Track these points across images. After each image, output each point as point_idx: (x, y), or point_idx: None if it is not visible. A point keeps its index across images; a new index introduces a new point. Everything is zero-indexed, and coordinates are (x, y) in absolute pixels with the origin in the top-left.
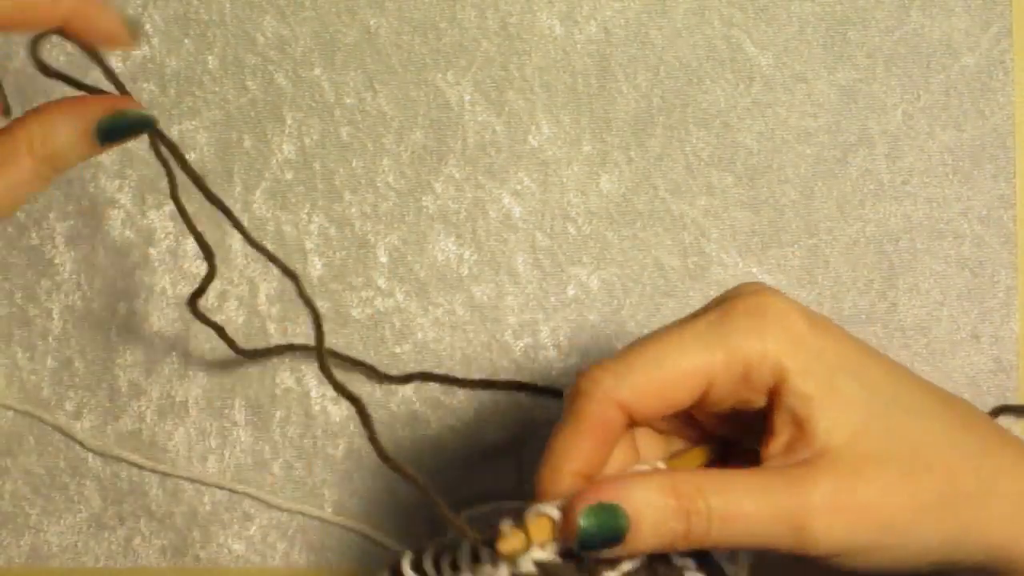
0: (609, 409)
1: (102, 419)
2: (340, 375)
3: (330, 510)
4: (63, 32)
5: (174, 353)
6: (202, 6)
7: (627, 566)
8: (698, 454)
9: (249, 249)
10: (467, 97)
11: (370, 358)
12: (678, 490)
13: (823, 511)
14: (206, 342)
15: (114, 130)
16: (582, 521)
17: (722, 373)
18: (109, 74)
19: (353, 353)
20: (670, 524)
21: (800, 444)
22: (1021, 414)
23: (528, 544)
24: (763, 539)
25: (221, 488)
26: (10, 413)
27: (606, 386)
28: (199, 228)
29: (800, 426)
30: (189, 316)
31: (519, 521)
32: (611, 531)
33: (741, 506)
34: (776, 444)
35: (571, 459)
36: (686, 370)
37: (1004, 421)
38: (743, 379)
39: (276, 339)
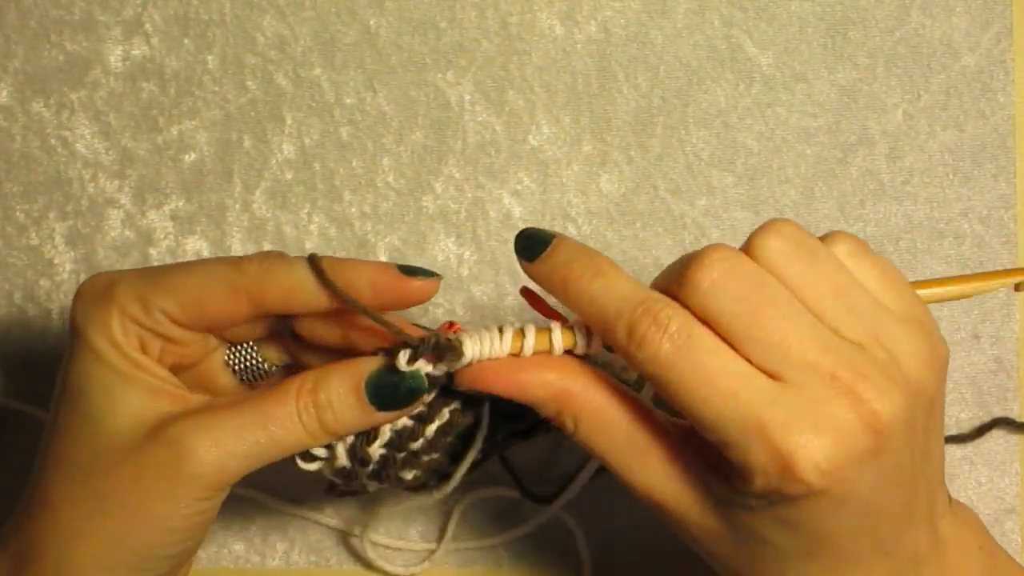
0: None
1: None
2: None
3: (329, 511)
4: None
5: None
6: (202, 6)
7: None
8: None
9: (249, 249)
10: (467, 97)
11: None
12: (557, 412)
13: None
14: None
15: (381, 387)
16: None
17: None
18: (384, 323)
19: None
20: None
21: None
22: (1016, 428)
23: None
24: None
25: None
26: (10, 414)
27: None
28: (199, 228)
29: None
30: None
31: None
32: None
33: (602, 448)
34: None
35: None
36: None
37: (998, 433)
38: None
39: None
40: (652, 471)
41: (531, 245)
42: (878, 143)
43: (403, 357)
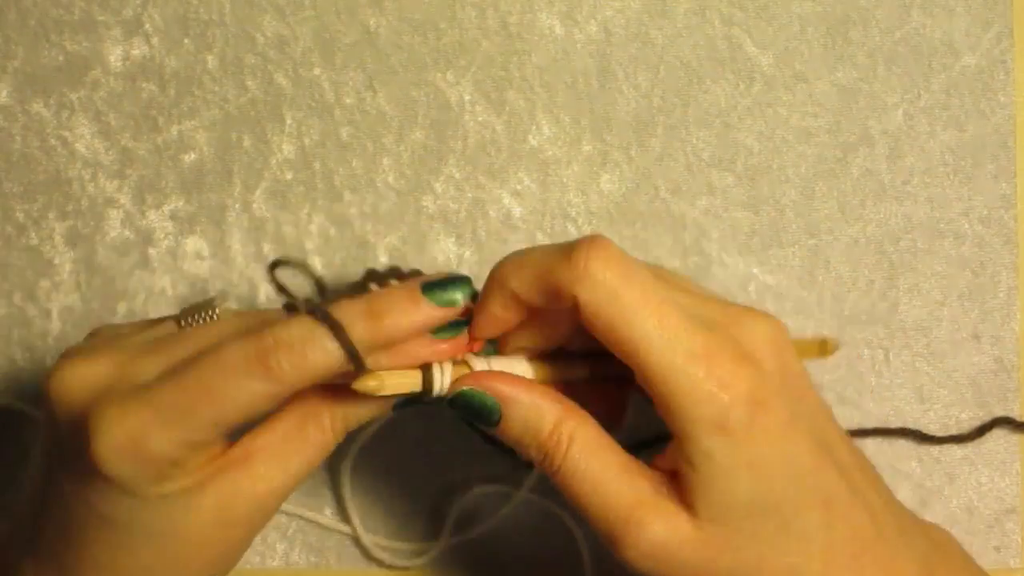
0: (506, 293)
1: None
2: None
3: (329, 512)
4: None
5: None
6: (202, 6)
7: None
8: (562, 366)
9: (249, 249)
10: (467, 97)
11: None
12: (556, 423)
13: (655, 541)
14: None
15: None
16: (464, 392)
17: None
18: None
19: None
20: (533, 445)
21: (684, 479)
22: (1016, 428)
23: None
24: (588, 508)
25: None
26: (10, 413)
27: (501, 273)
28: (199, 228)
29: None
30: None
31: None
32: (482, 415)
33: (594, 469)
34: (665, 460)
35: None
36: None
37: (999, 433)
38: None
39: None
40: (643, 491)
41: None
42: (878, 143)
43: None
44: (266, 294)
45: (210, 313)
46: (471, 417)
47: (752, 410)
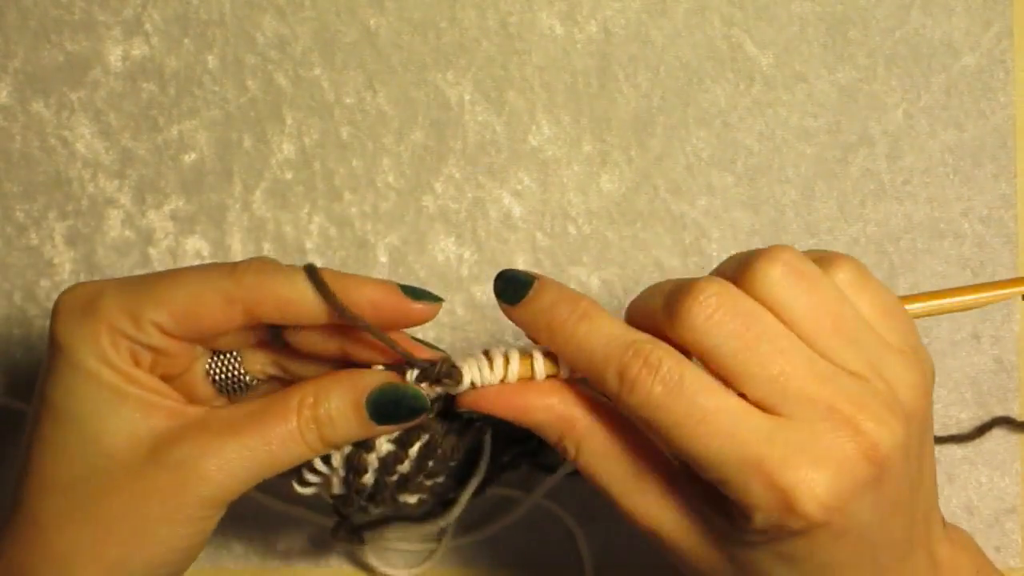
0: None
1: None
2: None
3: (329, 511)
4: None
5: None
6: (202, 6)
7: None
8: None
9: (249, 249)
10: (467, 97)
11: None
12: (559, 438)
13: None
14: None
15: (383, 404)
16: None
17: None
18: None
19: None
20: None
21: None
22: (1016, 428)
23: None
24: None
25: None
26: (10, 414)
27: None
28: (199, 228)
29: None
30: None
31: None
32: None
33: (600, 481)
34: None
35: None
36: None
37: (999, 433)
38: None
39: None
40: (652, 501)
41: (512, 288)
42: (878, 143)
43: (411, 375)
44: None
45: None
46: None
47: (807, 528)
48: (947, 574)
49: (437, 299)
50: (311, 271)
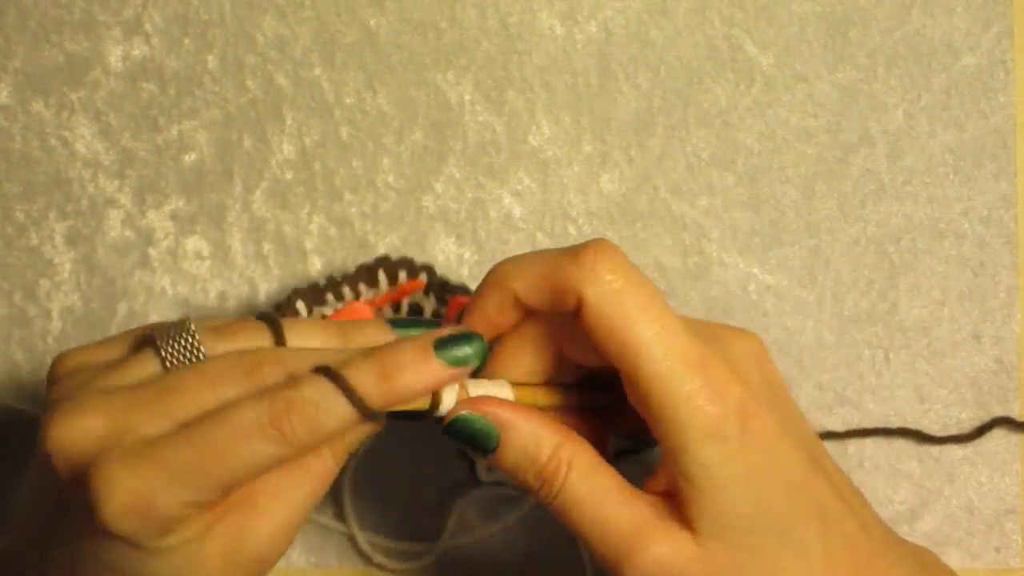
0: (505, 294)
1: None
2: None
3: (330, 513)
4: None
5: None
6: (202, 6)
7: None
8: (544, 393)
9: (249, 249)
10: (467, 97)
11: None
12: (555, 448)
13: (659, 562)
14: None
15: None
16: (462, 416)
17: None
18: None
19: None
20: (531, 472)
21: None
22: (1016, 428)
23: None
24: (589, 533)
25: None
26: (10, 413)
27: (501, 273)
28: (199, 228)
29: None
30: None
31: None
32: (479, 441)
33: (594, 495)
34: (658, 480)
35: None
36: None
37: (999, 433)
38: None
39: None
40: (644, 513)
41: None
42: (878, 143)
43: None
44: (266, 293)
45: (191, 342)
46: (467, 442)
47: (745, 420)
48: None
49: (478, 349)
50: (350, 394)
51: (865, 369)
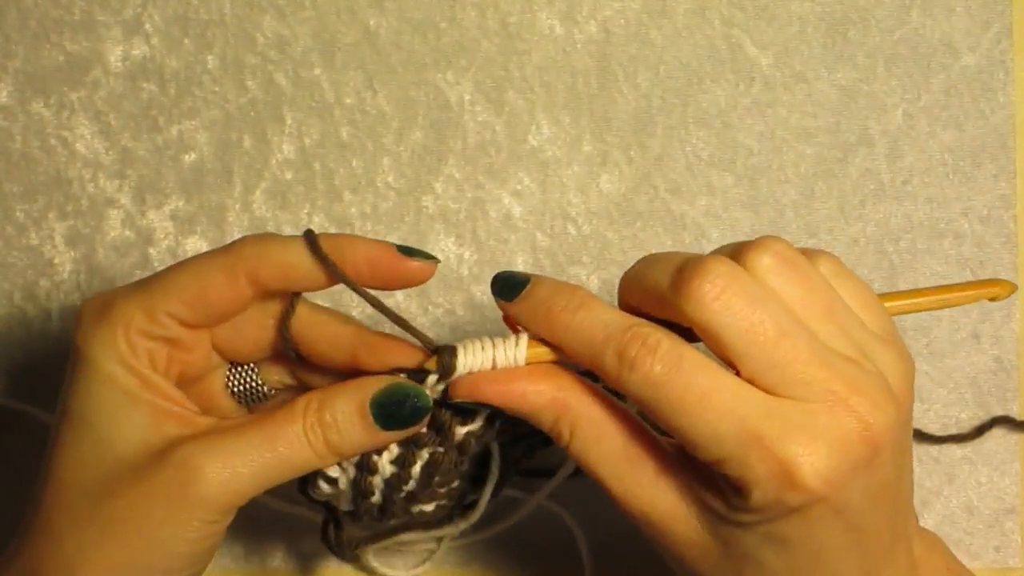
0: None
1: None
2: None
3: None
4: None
5: None
6: (202, 6)
7: (476, 424)
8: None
9: None
10: (467, 97)
11: None
12: (553, 422)
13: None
14: None
15: (386, 406)
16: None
17: None
18: (401, 323)
19: None
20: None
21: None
22: (1016, 428)
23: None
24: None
25: None
26: (10, 413)
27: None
28: (199, 228)
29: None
30: None
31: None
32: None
33: (594, 462)
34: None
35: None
36: None
37: (998, 433)
38: None
39: None
40: (645, 484)
41: (508, 286)
42: (878, 143)
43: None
44: None
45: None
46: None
47: (804, 503)
48: (923, 571)
49: (433, 258)
50: (309, 236)
51: None
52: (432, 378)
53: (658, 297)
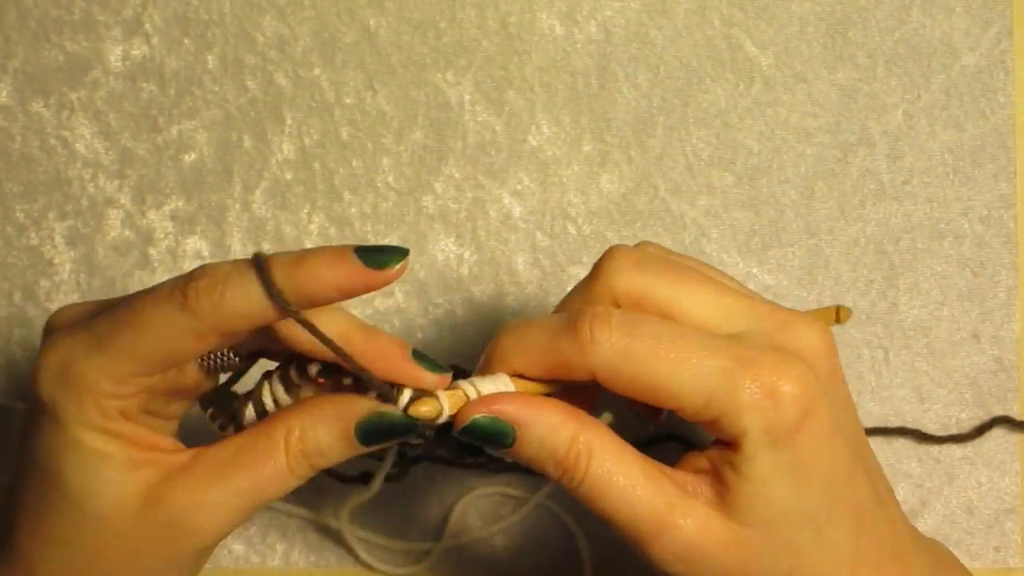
0: (508, 371)
1: None
2: None
3: (329, 511)
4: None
5: None
6: (202, 6)
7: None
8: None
9: (249, 249)
10: (467, 97)
11: None
12: (572, 438)
13: (688, 543)
14: None
15: (373, 432)
16: (477, 421)
17: None
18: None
19: None
20: (550, 462)
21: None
22: (1016, 428)
23: (438, 414)
24: (615, 517)
25: None
26: (10, 414)
27: (501, 351)
28: (199, 228)
29: (726, 479)
30: None
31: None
32: (495, 440)
33: (617, 479)
34: (703, 459)
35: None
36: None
37: (998, 433)
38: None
39: None
40: (671, 493)
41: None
42: (878, 143)
43: (405, 398)
44: None
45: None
46: (483, 443)
47: (800, 418)
48: None
49: (401, 252)
50: (261, 272)
51: (865, 369)
52: (407, 392)
53: (552, 356)
